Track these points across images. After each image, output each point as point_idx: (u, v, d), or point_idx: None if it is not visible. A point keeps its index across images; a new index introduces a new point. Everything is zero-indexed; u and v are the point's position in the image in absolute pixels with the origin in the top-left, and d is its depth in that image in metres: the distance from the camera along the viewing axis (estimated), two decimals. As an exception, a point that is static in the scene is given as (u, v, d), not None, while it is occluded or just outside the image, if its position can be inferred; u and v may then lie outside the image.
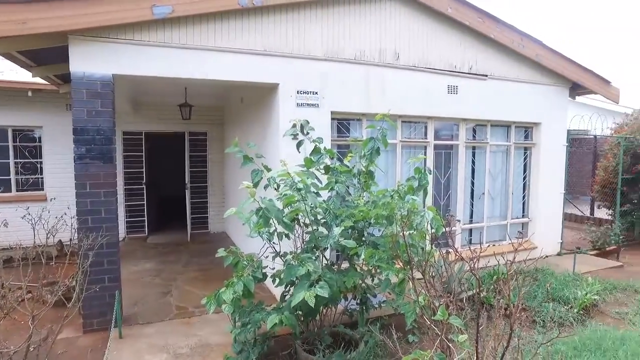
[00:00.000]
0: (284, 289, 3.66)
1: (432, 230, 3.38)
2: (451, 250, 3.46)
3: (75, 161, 4.08)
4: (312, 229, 3.57)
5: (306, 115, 4.72)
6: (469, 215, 6.67)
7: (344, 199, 3.79)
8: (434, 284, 3.18)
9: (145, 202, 8.61)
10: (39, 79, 6.17)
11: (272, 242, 3.57)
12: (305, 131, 3.83)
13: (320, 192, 3.78)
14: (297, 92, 4.89)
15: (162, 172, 11.46)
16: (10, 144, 7.64)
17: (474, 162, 6.62)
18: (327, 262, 3.80)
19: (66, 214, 4.31)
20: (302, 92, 4.91)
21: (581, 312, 4.69)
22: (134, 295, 5.22)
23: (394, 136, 5.69)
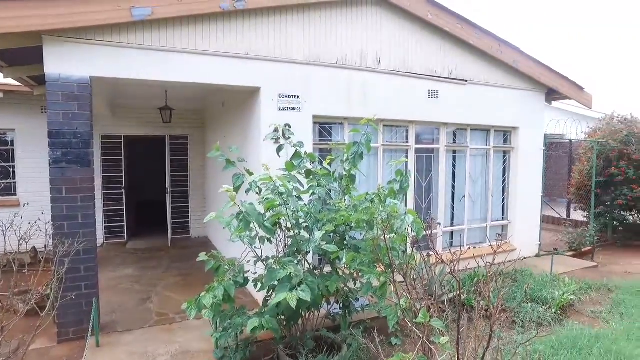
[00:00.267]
0: (266, 294, 3.64)
1: (413, 233, 3.41)
2: (432, 253, 3.50)
3: (50, 165, 3.96)
4: (294, 233, 3.56)
5: (288, 119, 4.72)
6: (450, 218, 6.76)
7: (326, 202, 3.79)
8: (416, 287, 3.20)
9: (124, 207, 8.43)
10: (11, 80, 5.98)
11: (254, 247, 3.54)
12: (286, 136, 3.82)
13: (302, 195, 3.78)
14: (279, 95, 4.88)
15: (143, 176, 11.26)
16: (-21, 148, 7.39)
17: (454, 166, 6.72)
18: (309, 266, 3.79)
19: (40, 219, 4.17)
20: (284, 96, 4.91)
21: (559, 311, 4.80)
22: (112, 302, 5.10)
23: (376, 140, 5.74)
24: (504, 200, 7.36)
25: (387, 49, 5.64)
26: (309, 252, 3.60)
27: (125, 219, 8.46)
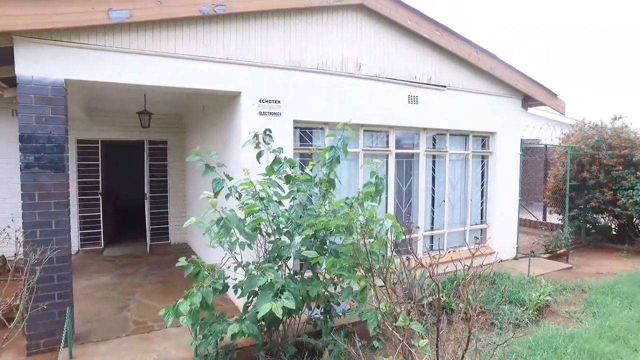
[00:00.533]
0: (246, 300, 3.60)
1: (393, 237, 3.44)
2: (412, 257, 3.54)
3: (22, 170, 3.83)
4: (275, 238, 3.54)
5: (269, 124, 4.70)
6: (430, 222, 6.85)
7: (306, 207, 3.78)
8: (396, 291, 3.23)
9: (101, 213, 8.21)
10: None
11: (234, 252, 3.50)
12: (266, 141, 3.81)
13: (282, 200, 3.76)
14: (260, 100, 4.87)
15: (120, 181, 11.03)
16: (-55, 152, 7.08)
17: (434, 170, 6.82)
18: (289, 271, 3.77)
19: (10, 226, 4.03)
20: (264, 101, 4.89)
21: (535, 312, 4.91)
22: (87, 311, 4.94)
23: (356, 145, 5.78)
24: (482, 204, 7.50)
25: (367, 54, 5.70)
26: (290, 257, 3.58)
27: (102, 225, 8.24)
